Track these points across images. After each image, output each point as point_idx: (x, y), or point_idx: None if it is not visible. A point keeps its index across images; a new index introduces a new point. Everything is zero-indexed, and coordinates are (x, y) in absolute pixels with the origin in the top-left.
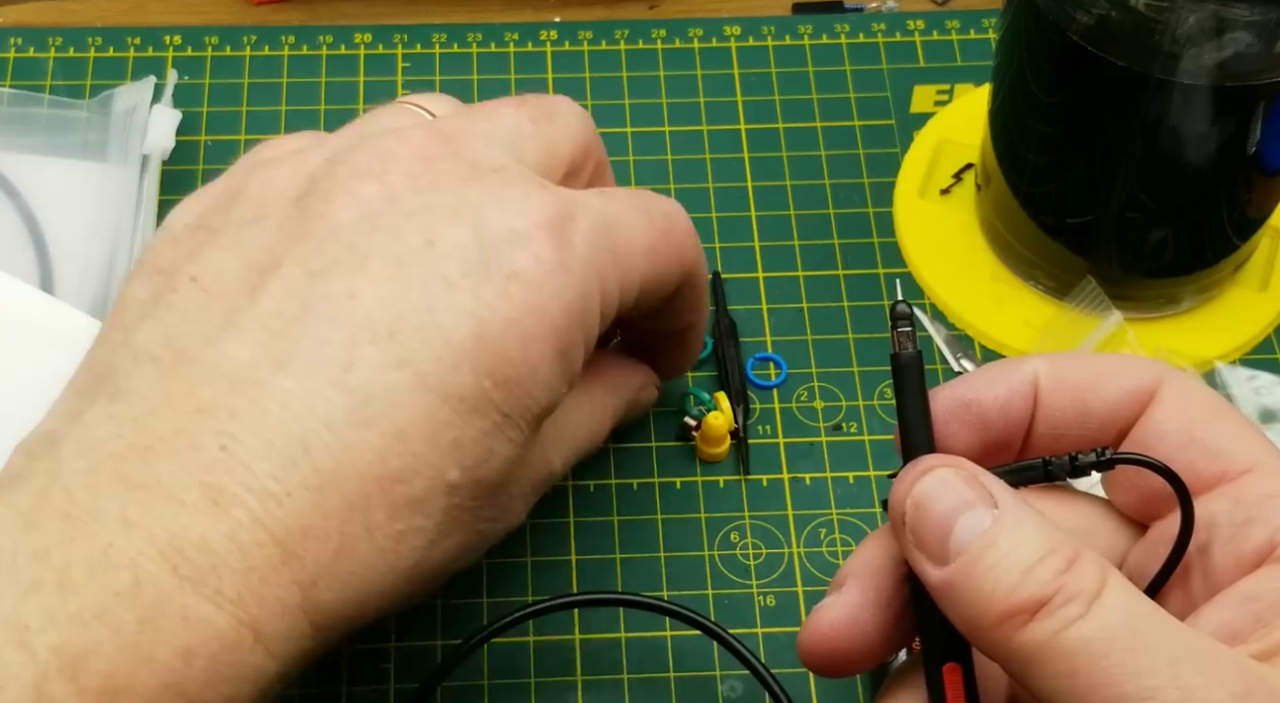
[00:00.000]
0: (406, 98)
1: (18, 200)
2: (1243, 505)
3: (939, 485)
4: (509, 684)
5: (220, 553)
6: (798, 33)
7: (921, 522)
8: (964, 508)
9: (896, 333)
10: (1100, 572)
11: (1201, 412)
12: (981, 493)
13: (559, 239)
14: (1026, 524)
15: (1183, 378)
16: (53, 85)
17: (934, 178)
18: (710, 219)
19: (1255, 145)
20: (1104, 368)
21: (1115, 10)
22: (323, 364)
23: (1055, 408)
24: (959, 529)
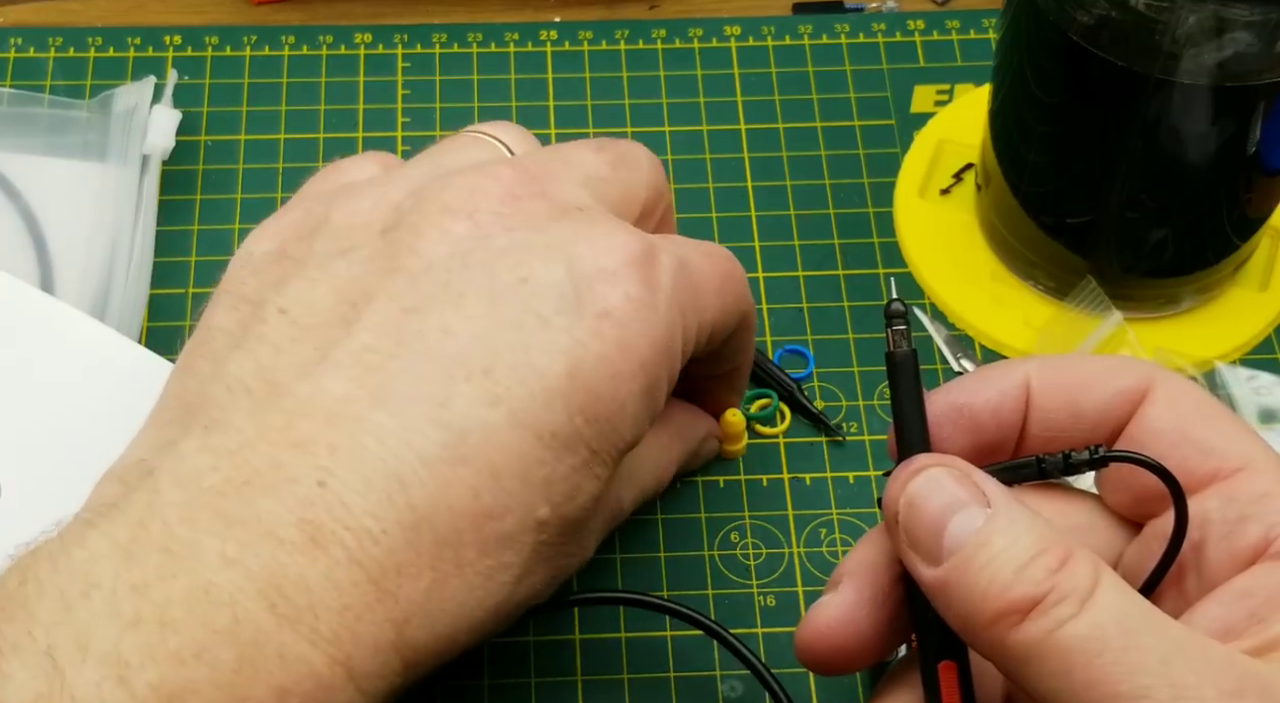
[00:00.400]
0: (478, 128)
1: (18, 200)
2: (1236, 503)
3: (932, 485)
4: (509, 684)
5: (317, 591)
6: (798, 33)
7: (915, 521)
8: (957, 507)
9: (891, 331)
10: (1093, 570)
11: (1193, 411)
12: (974, 492)
13: (646, 277)
14: (1019, 523)
15: (1174, 378)
16: (53, 85)
17: (934, 178)
18: (710, 219)
19: (1255, 145)
20: (1095, 369)
21: (1115, 10)
22: (419, 400)
23: (1047, 409)
24: (952, 528)
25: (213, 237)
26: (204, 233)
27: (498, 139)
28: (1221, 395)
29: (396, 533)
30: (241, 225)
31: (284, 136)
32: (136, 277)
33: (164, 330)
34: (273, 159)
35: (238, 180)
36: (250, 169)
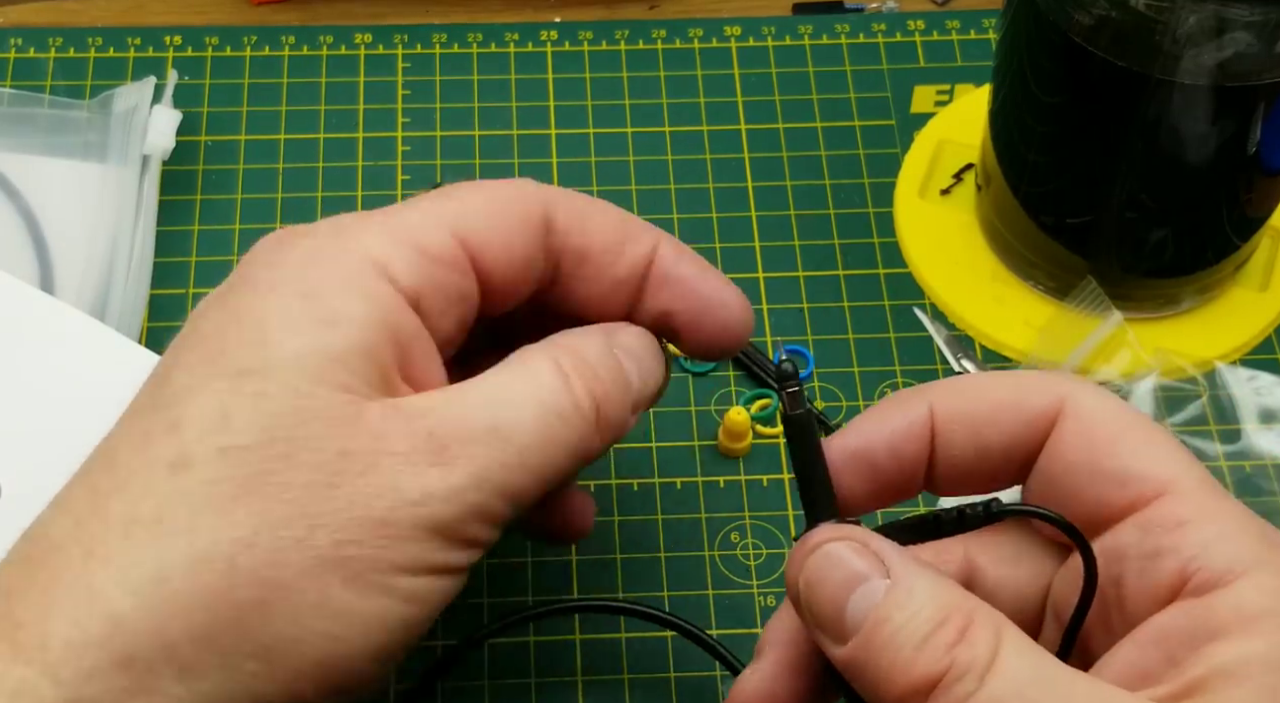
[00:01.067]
0: None
1: (18, 200)
2: (1152, 535)
3: (828, 562)
4: (509, 684)
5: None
6: (798, 33)
7: (815, 601)
8: (855, 582)
9: (786, 393)
10: (994, 636)
11: (1106, 436)
12: (872, 563)
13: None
14: (918, 592)
15: (1084, 398)
16: (53, 85)
17: (934, 178)
18: (710, 219)
19: (1255, 145)
20: (1000, 396)
21: (1115, 10)
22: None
23: (952, 445)
24: (852, 606)
25: (213, 237)
26: (204, 233)
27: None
28: (1222, 395)
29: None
30: (241, 225)
31: (284, 137)
32: (136, 277)
33: (164, 330)
34: (273, 159)
35: (238, 180)
36: (250, 169)
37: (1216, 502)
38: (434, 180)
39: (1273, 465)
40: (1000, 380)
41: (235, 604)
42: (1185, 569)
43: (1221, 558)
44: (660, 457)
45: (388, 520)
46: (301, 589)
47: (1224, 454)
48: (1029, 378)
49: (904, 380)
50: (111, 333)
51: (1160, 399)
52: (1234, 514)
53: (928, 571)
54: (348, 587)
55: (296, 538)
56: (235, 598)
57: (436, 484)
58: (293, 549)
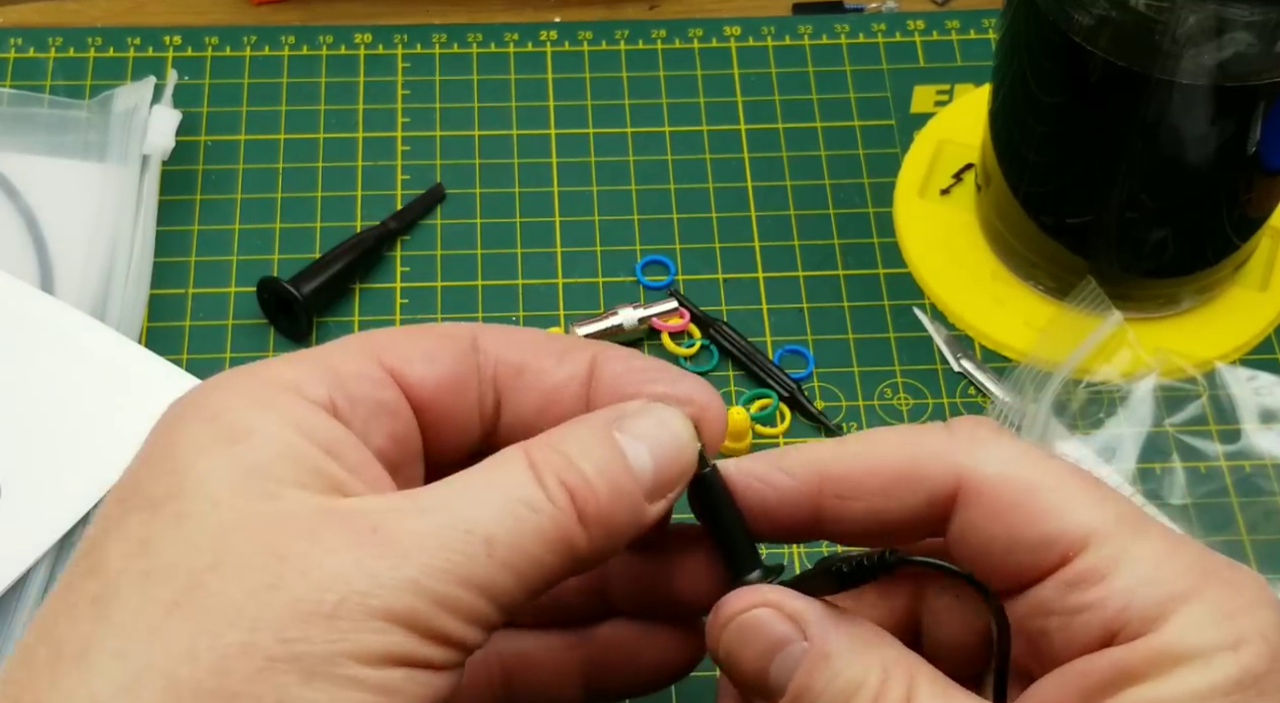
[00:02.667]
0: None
1: (18, 200)
2: (1075, 593)
3: (746, 632)
4: None
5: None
6: (798, 33)
7: (736, 669)
8: (775, 648)
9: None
10: (907, 687)
11: (1013, 504)
12: (790, 627)
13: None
14: (835, 656)
15: (981, 468)
16: (53, 85)
17: (934, 178)
18: (710, 219)
19: (1255, 145)
20: (893, 468)
21: (1115, 10)
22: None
23: (845, 516)
24: (774, 671)
25: (213, 237)
26: (204, 233)
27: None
28: (1221, 395)
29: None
30: (241, 225)
31: (284, 137)
32: (136, 277)
33: (164, 330)
34: (273, 159)
35: (238, 180)
36: (250, 169)
37: (1141, 542)
38: (435, 180)
39: (1273, 465)
40: (894, 446)
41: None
42: (1113, 622)
43: (1149, 602)
44: None
45: (337, 614)
46: (257, 695)
47: (1224, 454)
48: (925, 443)
49: (904, 380)
50: (111, 333)
51: (1160, 399)
52: (1159, 550)
53: (844, 625)
54: (308, 684)
55: (241, 643)
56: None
57: (386, 574)
58: (238, 655)
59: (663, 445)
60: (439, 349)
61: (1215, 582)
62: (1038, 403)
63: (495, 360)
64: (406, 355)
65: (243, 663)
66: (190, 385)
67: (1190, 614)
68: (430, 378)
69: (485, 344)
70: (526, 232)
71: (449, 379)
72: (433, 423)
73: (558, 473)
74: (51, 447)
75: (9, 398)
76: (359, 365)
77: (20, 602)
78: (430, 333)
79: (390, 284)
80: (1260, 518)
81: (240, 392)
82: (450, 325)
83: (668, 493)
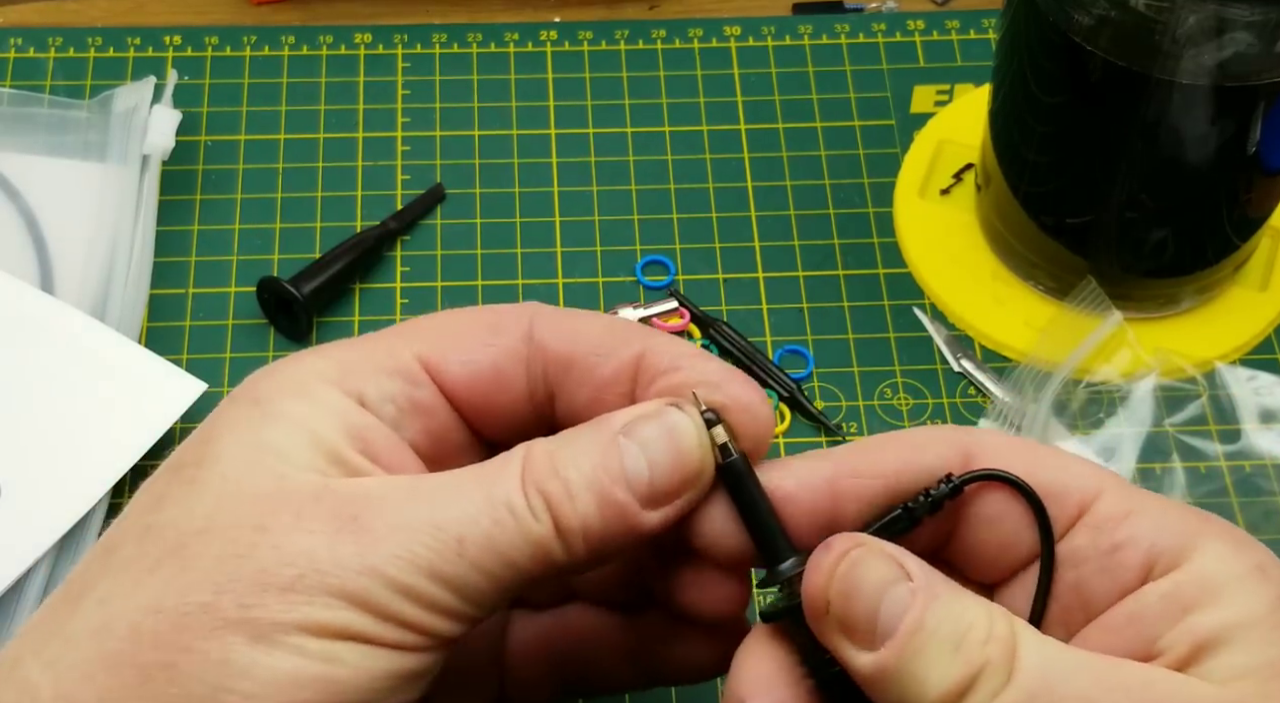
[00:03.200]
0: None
1: (18, 200)
2: (1105, 532)
3: (861, 567)
4: None
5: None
6: (798, 33)
7: (850, 608)
8: (885, 586)
9: (714, 443)
10: (1010, 629)
11: (1026, 461)
12: (896, 567)
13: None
14: (943, 595)
15: (986, 439)
16: (53, 85)
17: (934, 178)
18: (710, 219)
19: (1255, 145)
20: (899, 461)
21: (1115, 10)
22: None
23: (863, 516)
24: (885, 610)
25: (213, 237)
26: (204, 233)
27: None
28: (1221, 395)
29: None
30: (241, 225)
31: (284, 137)
32: (136, 277)
33: (164, 330)
34: (273, 159)
35: (238, 180)
36: (250, 169)
37: (1144, 494)
38: (435, 180)
39: (1273, 465)
40: (896, 443)
41: (140, 667)
42: (1150, 553)
43: (1175, 537)
44: None
45: (294, 586)
46: (205, 650)
47: (1224, 454)
48: (925, 436)
49: (904, 380)
50: (111, 333)
51: (1160, 399)
52: (1163, 501)
53: (940, 573)
54: (253, 646)
55: (202, 603)
56: (141, 661)
57: (350, 557)
58: (199, 613)
59: (664, 452)
60: (481, 347)
61: (1214, 522)
62: (1038, 403)
63: (545, 354)
64: (445, 354)
65: (200, 620)
66: (190, 385)
67: (1212, 546)
68: (465, 378)
69: (540, 333)
70: (526, 232)
71: (487, 378)
72: (476, 417)
73: (540, 483)
74: (51, 447)
75: (9, 398)
76: (398, 362)
77: (20, 602)
78: (479, 324)
79: (390, 284)
80: (1260, 518)
81: (285, 380)
82: (505, 312)
83: (671, 501)
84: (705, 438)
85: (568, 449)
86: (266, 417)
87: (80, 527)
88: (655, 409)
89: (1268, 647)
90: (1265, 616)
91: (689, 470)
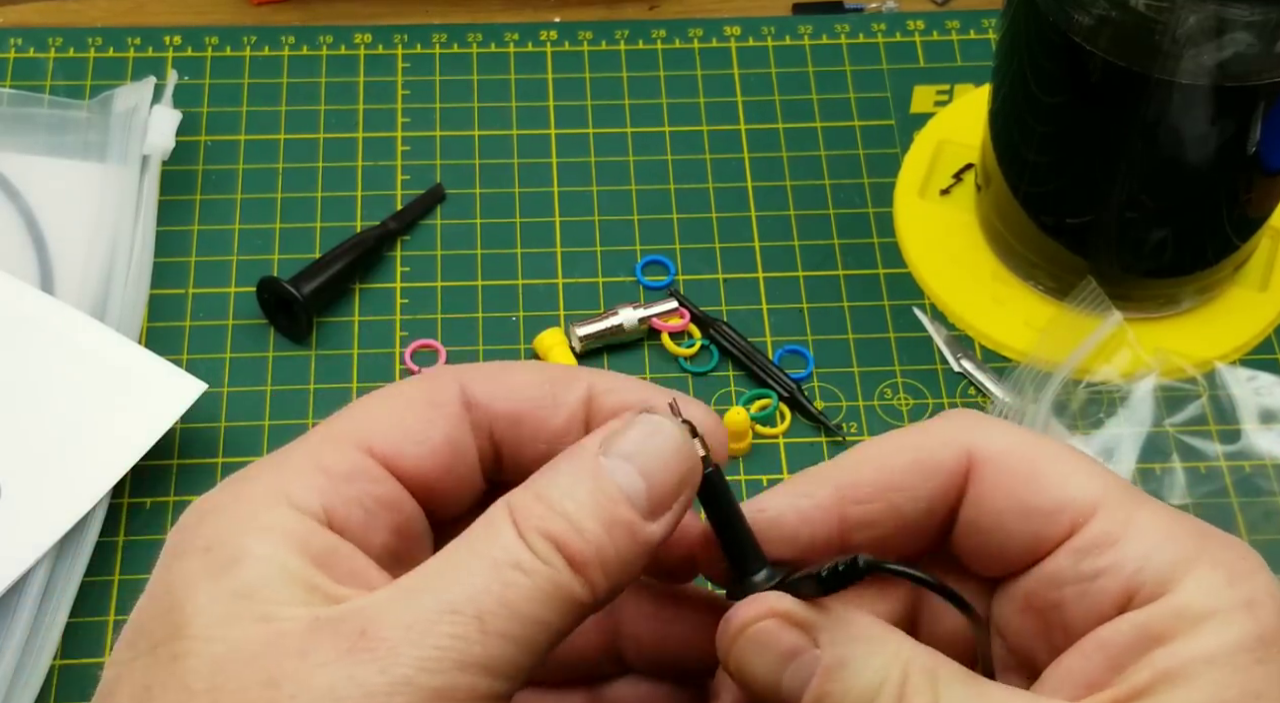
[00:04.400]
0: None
1: (18, 200)
2: (1088, 559)
3: (757, 644)
4: None
5: None
6: (798, 33)
7: (749, 682)
8: (787, 659)
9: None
10: (930, 686)
11: (1024, 474)
12: (799, 636)
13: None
14: (851, 661)
15: (990, 440)
16: (53, 85)
17: (934, 178)
18: (710, 219)
19: (1255, 145)
20: (904, 459)
21: (1115, 10)
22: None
23: (866, 518)
24: (786, 682)
25: (213, 237)
26: (204, 233)
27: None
28: (1221, 395)
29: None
30: (241, 225)
31: (284, 137)
32: (136, 277)
33: (164, 330)
34: (273, 159)
35: (238, 180)
36: (250, 169)
37: (1143, 510)
38: (435, 180)
39: (1273, 465)
40: (901, 441)
41: None
42: (1129, 584)
43: (1162, 565)
44: None
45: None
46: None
47: (1224, 454)
48: (929, 432)
49: (904, 380)
50: (111, 333)
51: (1160, 399)
52: (1165, 519)
53: (856, 626)
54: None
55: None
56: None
57: (376, 680)
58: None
59: (654, 457)
60: (427, 425)
61: (1217, 546)
62: (1038, 403)
63: (489, 416)
64: (396, 443)
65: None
66: (190, 385)
67: (1202, 576)
68: (425, 460)
69: (476, 397)
70: (526, 232)
71: (444, 456)
72: (435, 498)
73: (541, 526)
74: (51, 447)
75: (9, 398)
76: (351, 463)
77: (20, 602)
78: (414, 403)
79: (390, 284)
80: (1260, 518)
81: (232, 516)
82: (432, 384)
83: (671, 504)
84: (688, 434)
85: (553, 486)
86: (226, 562)
87: (80, 527)
88: (628, 419)
89: (1221, 688)
90: (1231, 654)
91: (686, 469)
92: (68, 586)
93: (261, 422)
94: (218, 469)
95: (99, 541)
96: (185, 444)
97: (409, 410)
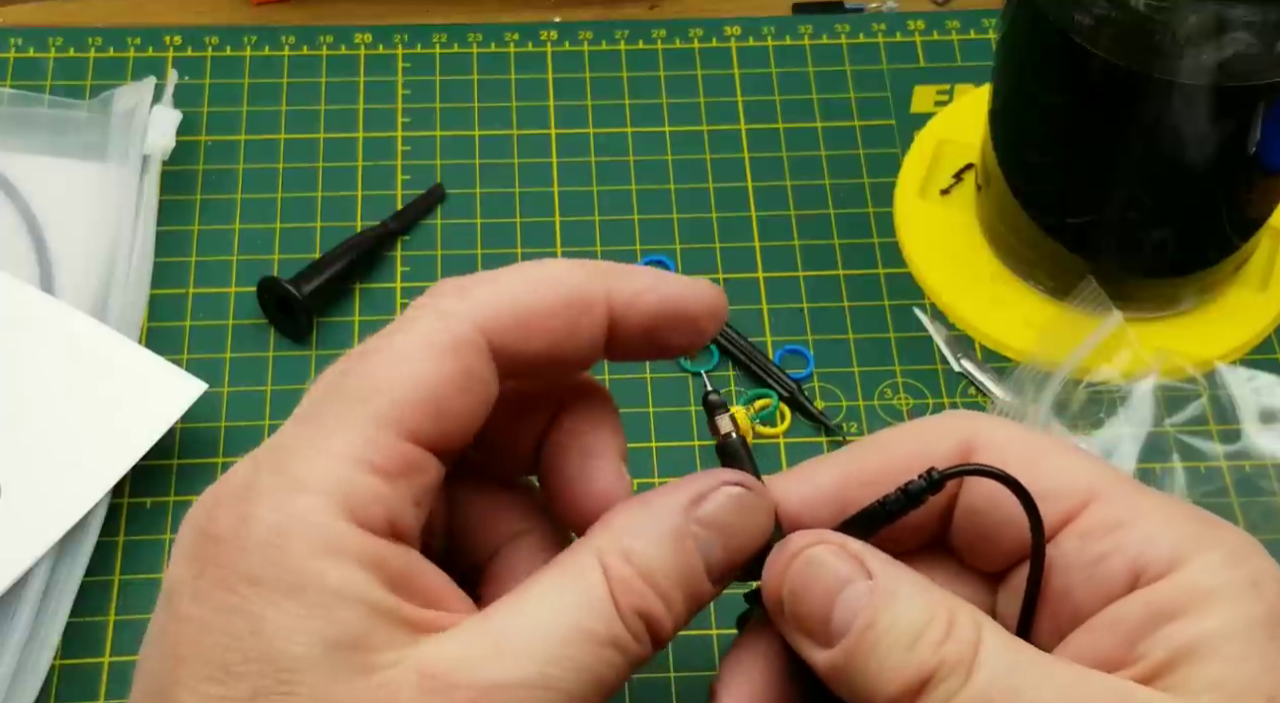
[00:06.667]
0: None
1: (18, 200)
2: (1093, 541)
3: (812, 568)
4: None
5: None
6: (798, 33)
7: (801, 607)
8: (840, 585)
9: (715, 422)
10: (975, 630)
11: (1022, 459)
12: (855, 565)
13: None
14: (903, 593)
15: (989, 430)
16: (53, 85)
17: (934, 178)
18: (710, 219)
19: (1255, 145)
20: (905, 451)
21: (1115, 10)
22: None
23: (867, 502)
24: (839, 609)
25: (213, 237)
26: (204, 233)
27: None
28: (1221, 395)
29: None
30: (242, 225)
31: (284, 137)
32: (136, 277)
33: (164, 330)
34: (273, 159)
35: (238, 180)
36: (250, 169)
37: (1144, 497)
38: (435, 180)
39: (1273, 465)
40: (901, 435)
41: None
42: (1135, 565)
43: (1166, 547)
44: (660, 457)
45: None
46: None
47: (1224, 454)
48: (929, 425)
49: (904, 380)
50: (112, 333)
51: (1160, 399)
52: (1165, 505)
53: (907, 569)
54: None
55: None
56: None
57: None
58: None
59: (741, 536)
60: (464, 396)
61: (1217, 529)
62: (1038, 403)
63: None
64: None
65: None
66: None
67: (1207, 556)
68: (460, 432)
69: (499, 344)
70: (526, 232)
71: (477, 419)
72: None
73: (640, 605)
74: (51, 447)
75: (9, 398)
76: (401, 457)
77: (20, 602)
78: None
79: (390, 284)
80: (1260, 518)
81: (298, 537)
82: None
83: (738, 568)
84: (773, 510)
85: (644, 553)
86: (314, 603)
87: (80, 527)
88: (712, 483)
89: (1242, 662)
90: (1246, 629)
91: (758, 542)
92: (68, 586)
93: (262, 422)
94: (218, 469)
95: (99, 540)
96: (185, 444)
97: (437, 376)
